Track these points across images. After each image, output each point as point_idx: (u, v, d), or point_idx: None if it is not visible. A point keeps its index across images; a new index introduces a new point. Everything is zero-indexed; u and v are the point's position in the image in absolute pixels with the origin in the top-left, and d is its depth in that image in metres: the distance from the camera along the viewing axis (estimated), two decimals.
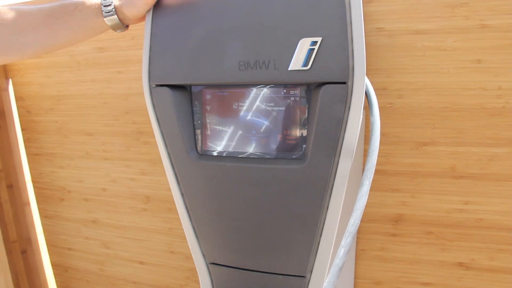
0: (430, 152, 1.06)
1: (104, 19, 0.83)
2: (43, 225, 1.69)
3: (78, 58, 1.40)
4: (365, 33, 0.71)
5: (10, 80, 1.56)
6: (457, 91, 1.00)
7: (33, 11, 0.83)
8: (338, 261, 0.64)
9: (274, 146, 0.82)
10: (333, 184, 0.78)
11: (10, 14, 0.82)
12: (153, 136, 0.88)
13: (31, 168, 1.64)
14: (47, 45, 0.86)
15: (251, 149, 0.83)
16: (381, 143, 0.91)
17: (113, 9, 0.83)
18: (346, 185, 0.78)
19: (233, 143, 0.84)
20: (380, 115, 0.77)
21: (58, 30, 0.84)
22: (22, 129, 1.60)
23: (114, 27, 0.85)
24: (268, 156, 0.82)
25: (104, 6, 0.83)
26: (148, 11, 0.84)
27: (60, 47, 0.90)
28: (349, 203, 0.78)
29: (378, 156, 0.71)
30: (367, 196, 0.69)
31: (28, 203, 1.64)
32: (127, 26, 0.87)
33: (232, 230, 0.89)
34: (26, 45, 0.84)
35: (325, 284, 0.63)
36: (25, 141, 1.61)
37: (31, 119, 1.57)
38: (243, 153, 0.84)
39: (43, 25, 0.83)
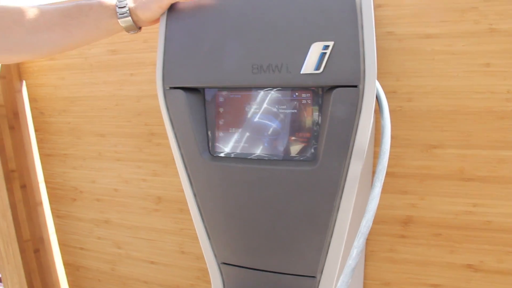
0: (439, 154, 1.06)
1: (118, 20, 0.85)
2: (56, 224, 1.71)
3: (91, 60, 1.42)
4: (375, 37, 0.72)
5: (24, 81, 1.58)
6: (466, 94, 1.01)
7: (49, 11, 0.85)
8: (351, 262, 0.65)
9: (286, 148, 0.83)
10: (344, 186, 0.79)
11: (27, 14, 0.83)
12: (165, 138, 0.89)
13: (44, 169, 1.66)
14: (61, 45, 0.88)
15: (263, 150, 0.84)
16: (391, 146, 0.92)
17: (128, 11, 0.84)
18: (357, 187, 0.79)
19: (246, 145, 0.86)
20: (390, 118, 0.78)
21: (73, 30, 0.85)
22: (35, 130, 1.62)
23: (128, 29, 0.87)
24: (280, 158, 0.83)
25: (118, 8, 0.84)
26: (162, 14, 0.85)
27: (74, 47, 0.91)
28: (359, 205, 0.79)
29: (388, 158, 0.72)
30: (379, 197, 0.70)
31: (41, 203, 1.67)
32: (140, 28, 0.89)
33: (244, 231, 0.90)
34: (40, 44, 0.86)
35: (338, 284, 0.64)
36: (38, 141, 1.63)
37: (44, 120, 1.59)
38: (255, 154, 0.85)
39: (58, 25, 0.85)
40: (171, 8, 0.84)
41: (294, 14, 0.75)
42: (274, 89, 0.81)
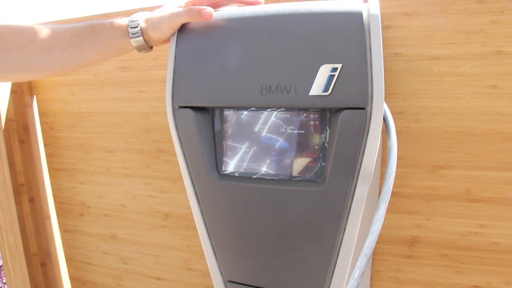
0: (446, 175, 1.06)
1: (130, 40, 0.86)
2: (63, 239, 1.72)
3: (101, 76, 1.44)
4: (383, 58, 0.73)
5: (35, 96, 1.60)
6: (473, 116, 1.01)
7: (62, 31, 0.87)
8: (353, 282, 0.65)
9: (293, 168, 0.83)
10: (350, 207, 0.79)
11: (41, 33, 0.85)
12: (173, 155, 0.90)
13: (52, 183, 1.67)
14: (73, 64, 0.90)
15: (270, 170, 0.85)
16: (397, 166, 0.92)
17: (140, 31, 0.86)
18: (363, 208, 0.79)
19: (253, 164, 0.86)
20: (397, 139, 0.79)
21: (85, 49, 0.87)
22: (45, 145, 1.64)
23: (139, 48, 0.88)
24: (287, 178, 0.84)
25: (131, 28, 0.86)
26: (173, 34, 0.87)
27: (86, 66, 0.93)
28: (365, 225, 0.79)
29: (395, 178, 0.73)
30: (383, 219, 0.70)
31: (49, 217, 1.67)
32: (151, 47, 0.90)
33: (250, 249, 0.91)
34: (53, 63, 0.88)
35: None
36: (47, 156, 1.65)
37: (54, 135, 1.61)
38: (263, 174, 0.85)
39: (71, 44, 0.86)
40: (182, 28, 0.86)
41: (303, 36, 0.76)
42: (283, 110, 0.82)
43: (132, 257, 1.57)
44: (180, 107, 0.86)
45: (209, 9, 0.82)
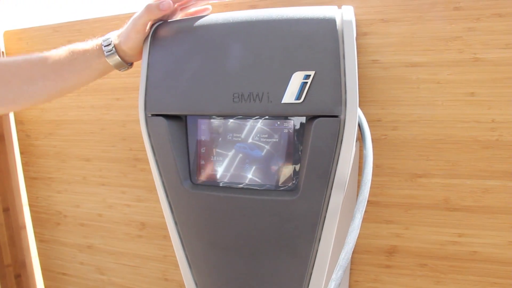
0: (424, 184, 1.06)
1: (106, 59, 0.86)
2: (39, 249, 1.68)
3: None
4: (360, 65, 0.72)
5: None
6: (451, 123, 1.01)
7: (41, 59, 0.87)
8: None
9: (267, 177, 0.82)
10: (325, 217, 0.78)
11: (22, 65, 0.86)
12: (149, 164, 0.89)
13: (28, 192, 1.64)
14: (56, 91, 0.89)
15: (244, 180, 0.84)
16: (375, 175, 0.92)
17: (113, 48, 0.85)
18: (339, 217, 0.78)
19: (227, 174, 0.85)
20: (375, 147, 0.78)
21: (65, 74, 0.87)
22: (21, 153, 1.60)
23: (117, 66, 0.88)
24: (260, 188, 0.83)
25: (104, 46, 0.86)
26: (144, 42, 0.85)
27: (69, 91, 0.92)
28: (342, 235, 0.78)
29: (372, 187, 0.72)
30: (359, 229, 0.69)
31: (24, 227, 1.64)
32: (131, 64, 0.89)
33: (225, 260, 0.89)
34: (36, 93, 0.88)
35: None
36: (23, 164, 1.61)
37: (30, 143, 1.58)
38: (236, 184, 0.84)
39: (51, 72, 0.87)
40: (154, 36, 0.84)
41: (275, 43, 0.75)
42: (256, 118, 0.81)
43: (108, 268, 1.54)
44: (152, 115, 0.85)
45: (167, 0, 0.82)
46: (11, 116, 1.57)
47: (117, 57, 0.87)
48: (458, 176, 1.03)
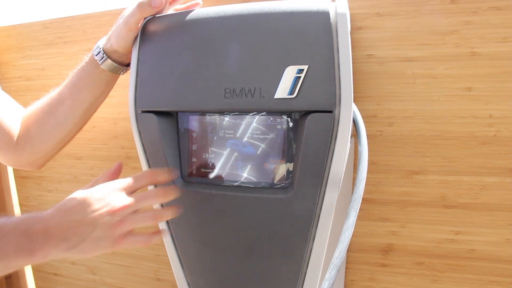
0: (421, 181, 1.04)
1: (101, 66, 0.85)
2: None
3: None
4: (355, 60, 0.71)
5: None
6: (448, 119, 0.99)
7: (58, 89, 0.90)
8: None
9: (259, 175, 0.80)
10: (319, 215, 0.76)
11: (44, 101, 0.92)
12: (140, 161, 0.87)
13: (19, 191, 1.62)
14: (78, 114, 0.91)
15: (236, 178, 0.82)
16: (370, 172, 0.90)
17: (103, 54, 0.84)
18: (333, 215, 0.76)
19: (219, 171, 0.83)
20: (370, 143, 0.76)
21: (78, 96, 0.88)
22: None
23: (114, 71, 0.88)
24: (253, 185, 0.81)
25: (95, 55, 0.85)
26: (135, 38, 0.83)
27: (90, 111, 0.94)
28: (338, 231, 0.76)
29: (368, 184, 0.70)
30: (353, 228, 0.67)
31: None
32: (128, 65, 0.88)
33: (217, 260, 0.88)
34: (62, 123, 0.90)
35: None
36: None
37: None
38: (229, 181, 0.82)
39: (67, 98, 0.89)
40: (144, 31, 0.82)
41: (268, 37, 0.73)
42: (248, 114, 0.79)
43: (100, 268, 1.52)
44: (143, 111, 0.83)
45: None
46: None
47: (110, 61, 0.85)
48: (455, 173, 1.02)
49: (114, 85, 0.92)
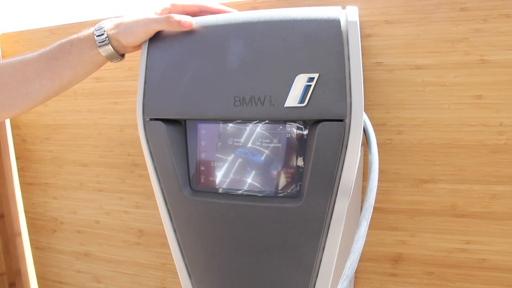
0: (431, 189, 1.03)
1: (99, 49, 0.82)
2: (34, 256, 1.65)
3: (75, 87, 1.39)
4: (364, 68, 0.70)
5: None
6: (458, 127, 0.98)
7: (35, 57, 0.84)
8: None
9: (269, 183, 0.80)
10: (329, 224, 0.75)
11: (16, 66, 0.84)
12: (148, 170, 0.86)
13: (24, 198, 1.61)
14: (53, 89, 0.86)
15: (245, 186, 0.81)
16: (380, 180, 0.89)
17: (106, 38, 0.82)
18: (344, 223, 0.75)
19: (228, 180, 0.82)
20: (379, 152, 0.75)
21: (60, 71, 0.84)
22: (17, 158, 1.58)
23: (109, 57, 0.84)
24: (263, 194, 0.80)
25: (96, 36, 0.82)
26: (144, 43, 0.83)
27: (66, 87, 0.89)
28: (347, 242, 0.75)
29: (377, 193, 0.69)
30: (365, 237, 0.66)
31: (20, 234, 1.61)
32: (122, 56, 0.86)
33: (226, 269, 0.86)
34: (34, 93, 0.85)
35: None
36: (19, 170, 1.59)
37: (26, 147, 1.55)
38: (238, 190, 0.82)
39: (46, 69, 0.83)
40: (153, 37, 0.82)
41: (278, 45, 0.72)
42: (258, 122, 0.78)
43: (106, 276, 1.51)
44: (151, 119, 0.82)
45: (189, 18, 0.79)
46: (7, 121, 1.54)
47: (110, 47, 0.82)
48: (465, 182, 1.01)
49: (120, 92, 0.91)
